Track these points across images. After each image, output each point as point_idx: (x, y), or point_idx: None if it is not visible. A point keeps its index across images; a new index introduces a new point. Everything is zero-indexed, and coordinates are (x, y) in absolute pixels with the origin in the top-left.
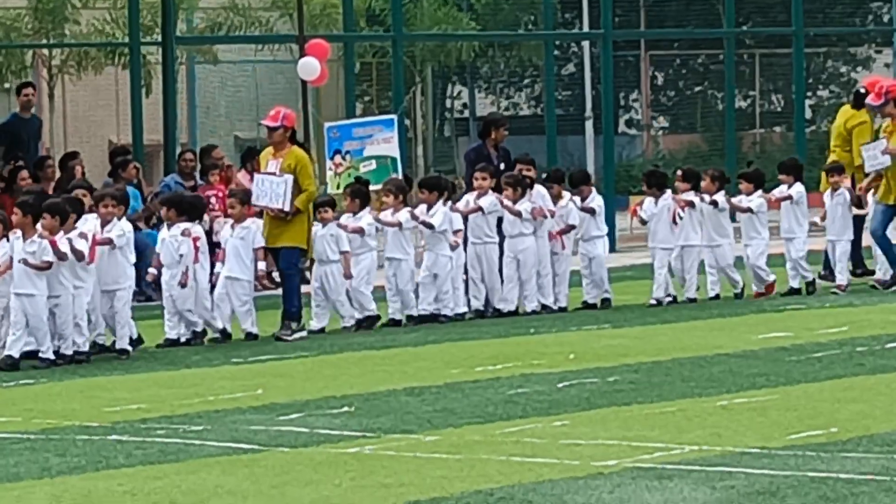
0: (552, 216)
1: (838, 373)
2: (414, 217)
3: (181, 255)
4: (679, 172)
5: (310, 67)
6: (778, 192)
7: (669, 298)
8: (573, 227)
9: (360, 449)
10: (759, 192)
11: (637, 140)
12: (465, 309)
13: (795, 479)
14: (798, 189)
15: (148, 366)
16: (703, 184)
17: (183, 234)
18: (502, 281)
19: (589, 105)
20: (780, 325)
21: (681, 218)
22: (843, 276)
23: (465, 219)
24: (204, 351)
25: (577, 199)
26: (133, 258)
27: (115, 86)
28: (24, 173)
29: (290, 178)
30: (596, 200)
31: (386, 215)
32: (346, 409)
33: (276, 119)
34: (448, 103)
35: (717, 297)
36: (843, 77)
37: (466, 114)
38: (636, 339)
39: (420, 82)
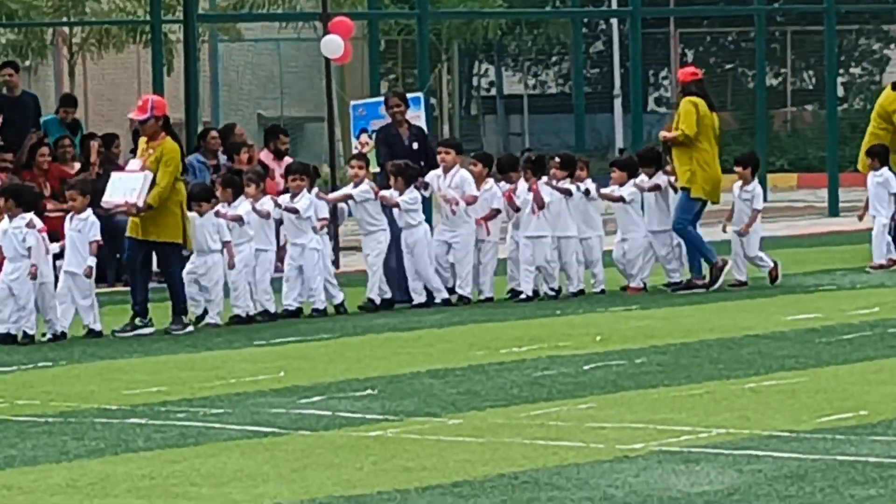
0: (471, 202)
1: (869, 354)
2: (278, 204)
3: (28, 248)
4: (556, 158)
5: (333, 45)
6: (609, 189)
7: (552, 293)
8: (498, 211)
9: (382, 432)
10: (633, 181)
11: (666, 118)
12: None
13: (824, 463)
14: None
15: (168, 348)
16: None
17: (28, 225)
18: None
19: (617, 83)
20: (810, 307)
21: (540, 207)
22: (879, 253)
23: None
24: (226, 333)
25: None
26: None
27: (136, 64)
28: (45, 150)
29: (149, 174)
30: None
31: (257, 203)
32: (368, 391)
33: (144, 110)
34: (475, 81)
35: (602, 291)
36: (876, 54)
37: (493, 92)
38: (663, 320)
39: (446, 60)
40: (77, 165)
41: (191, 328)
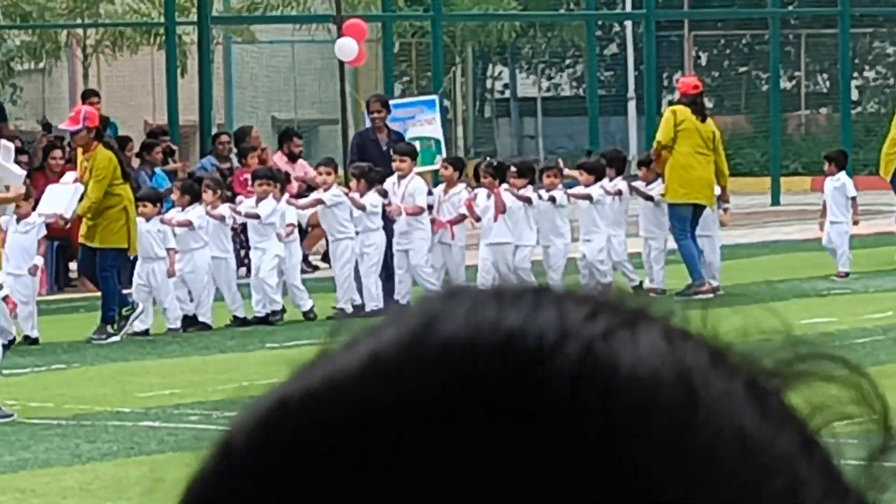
0: (420, 212)
1: (882, 359)
2: (237, 211)
3: None
4: (512, 168)
5: (347, 48)
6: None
7: None
8: (464, 216)
9: None
10: (599, 183)
11: None
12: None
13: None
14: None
15: (181, 350)
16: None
17: None
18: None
19: (631, 86)
20: (823, 310)
21: (501, 212)
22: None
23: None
24: (239, 336)
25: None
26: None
27: (150, 66)
28: (58, 153)
29: (80, 186)
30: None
31: (210, 210)
32: None
33: (76, 121)
34: (488, 84)
35: None
36: (890, 57)
37: (507, 94)
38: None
39: (460, 62)
40: None
41: (116, 338)
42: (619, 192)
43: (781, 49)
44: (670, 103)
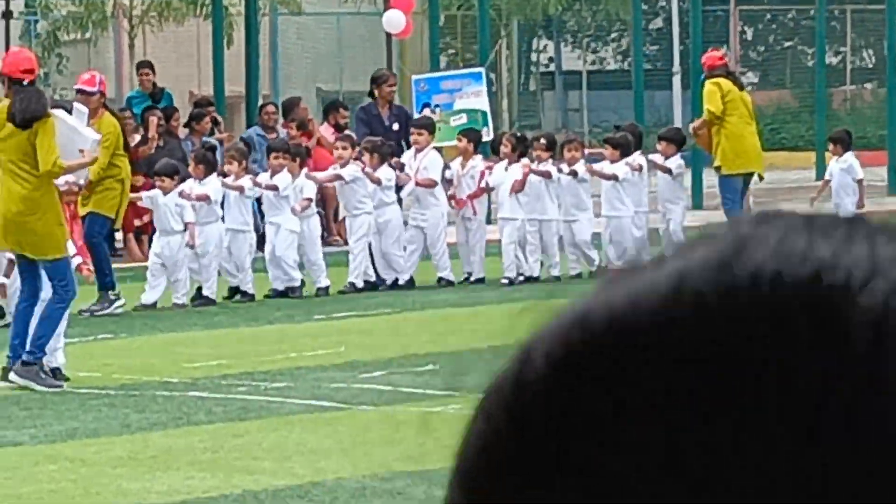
0: (433, 184)
1: None
2: (256, 183)
3: None
4: (541, 140)
5: (395, 20)
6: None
7: (522, 278)
8: (485, 189)
9: (444, 408)
10: (624, 160)
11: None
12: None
13: None
14: (677, 162)
15: (229, 321)
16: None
17: None
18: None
19: (676, 60)
20: None
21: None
22: None
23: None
24: (286, 307)
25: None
26: None
27: (196, 37)
28: None
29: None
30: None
31: (229, 181)
32: (429, 366)
33: (92, 83)
34: (533, 57)
35: (579, 275)
36: None
37: (552, 68)
38: None
39: (505, 36)
40: (137, 138)
41: (121, 302)
42: (640, 168)
43: (827, 24)
44: (705, 78)
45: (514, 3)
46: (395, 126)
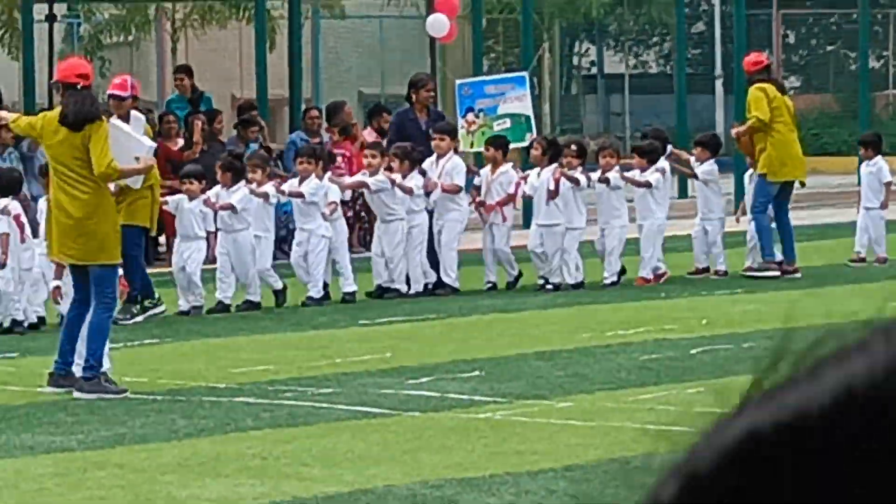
0: (458, 190)
1: None
2: (280, 191)
3: (3, 235)
4: (572, 146)
5: (439, 24)
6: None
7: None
8: (513, 196)
9: (491, 414)
10: (654, 167)
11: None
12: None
13: None
14: (707, 168)
15: (274, 326)
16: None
17: (2, 212)
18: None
19: (718, 64)
20: None
21: (552, 197)
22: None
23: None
24: (331, 312)
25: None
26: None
27: (237, 40)
28: (148, 127)
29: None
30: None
31: (254, 188)
32: (476, 373)
33: (124, 87)
34: (575, 60)
35: (614, 283)
36: None
37: (594, 71)
38: (770, 304)
39: (548, 39)
40: (180, 142)
41: (139, 318)
42: (665, 172)
43: (870, 28)
44: (748, 83)
45: (557, 7)
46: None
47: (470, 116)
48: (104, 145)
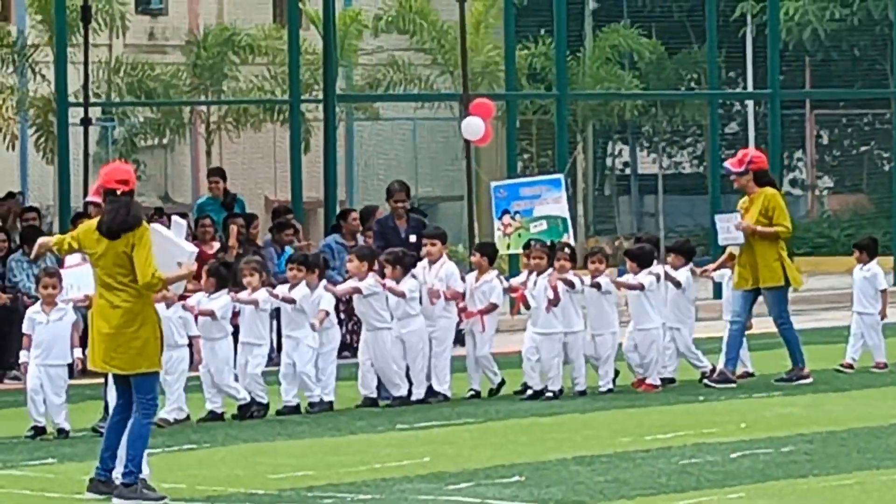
0: (461, 297)
1: None
2: (273, 295)
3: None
4: (565, 249)
5: (475, 127)
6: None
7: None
8: (496, 306)
9: None
10: (647, 270)
11: (801, 200)
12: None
13: None
14: (683, 275)
15: (311, 431)
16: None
17: None
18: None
19: None
20: None
21: (554, 304)
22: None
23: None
24: (368, 416)
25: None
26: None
27: (272, 142)
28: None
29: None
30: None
31: (244, 294)
32: (516, 478)
33: (98, 193)
34: (609, 161)
35: (609, 390)
36: None
37: (628, 172)
38: (808, 407)
39: (581, 140)
40: (216, 245)
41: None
42: (678, 283)
43: None
44: (760, 183)
45: (590, 108)
46: (413, 238)
47: (506, 219)
48: (148, 255)
